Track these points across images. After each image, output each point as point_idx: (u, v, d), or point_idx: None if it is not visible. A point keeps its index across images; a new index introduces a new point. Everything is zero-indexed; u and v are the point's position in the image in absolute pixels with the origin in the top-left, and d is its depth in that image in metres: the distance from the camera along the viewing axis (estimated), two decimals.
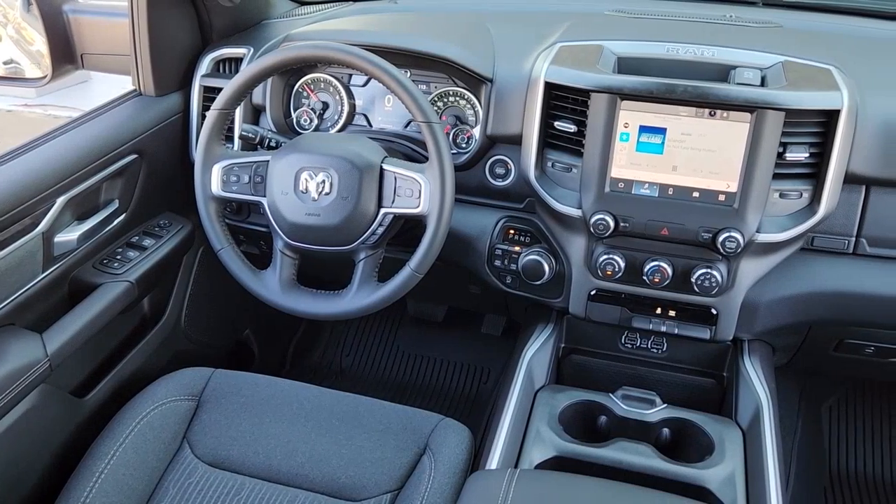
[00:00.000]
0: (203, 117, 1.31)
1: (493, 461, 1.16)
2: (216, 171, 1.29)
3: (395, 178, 1.24)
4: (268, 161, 1.28)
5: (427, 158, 1.23)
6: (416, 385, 2.18)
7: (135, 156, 1.45)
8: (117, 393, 1.48)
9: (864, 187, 1.28)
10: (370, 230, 1.25)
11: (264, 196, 1.28)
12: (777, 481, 1.14)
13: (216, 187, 1.30)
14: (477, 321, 2.23)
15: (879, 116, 1.24)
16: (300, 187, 1.25)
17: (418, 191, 1.22)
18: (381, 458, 1.26)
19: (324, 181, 1.24)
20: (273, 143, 1.42)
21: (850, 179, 1.25)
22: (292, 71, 1.52)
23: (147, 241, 1.50)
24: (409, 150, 1.47)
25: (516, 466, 1.18)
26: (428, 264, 1.25)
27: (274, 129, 1.50)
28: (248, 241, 1.69)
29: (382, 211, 1.25)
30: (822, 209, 1.23)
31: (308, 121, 1.54)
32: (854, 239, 1.31)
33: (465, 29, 1.54)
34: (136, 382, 1.46)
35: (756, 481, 1.15)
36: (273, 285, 1.31)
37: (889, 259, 1.30)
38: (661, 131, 1.25)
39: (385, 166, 1.25)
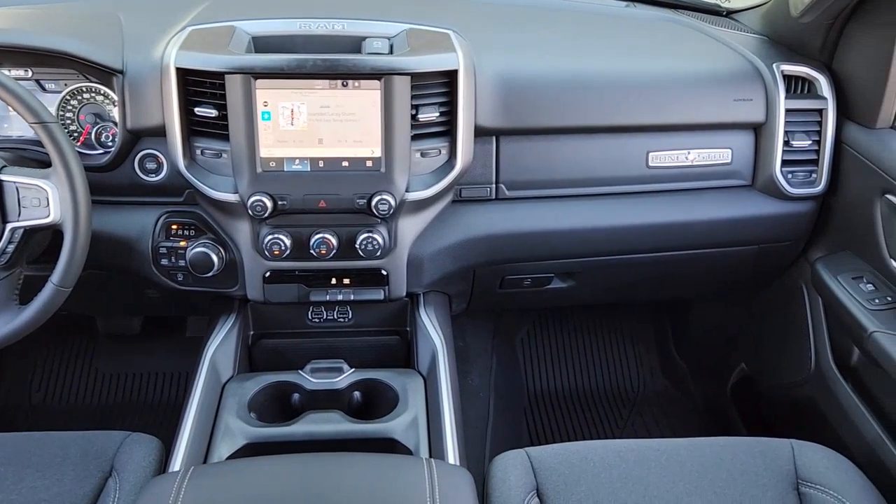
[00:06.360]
0: None
1: (177, 464, 1.12)
2: None
3: (18, 189, 1.12)
4: None
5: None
6: (122, 405, 2.03)
7: None
8: None
9: (494, 138, 1.42)
10: None
11: None
12: (452, 415, 1.23)
13: None
14: (180, 325, 2.13)
15: (494, 74, 1.37)
16: None
17: (46, 198, 1.12)
18: (58, 493, 1.15)
19: None
20: None
21: (481, 132, 1.38)
22: None
23: None
24: (44, 155, 1.34)
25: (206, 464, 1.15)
26: (73, 276, 1.15)
27: None
28: None
29: (9, 227, 1.13)
30: (459, 163, 1.34)
31: None
32: (494, 185, 1.44)
33: (91, 20, 1.43)
34: None
35: (435, 420, 1.24)
36: None
37: (524, 199, 1.46)
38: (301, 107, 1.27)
39: (2, 177, 1.12)
